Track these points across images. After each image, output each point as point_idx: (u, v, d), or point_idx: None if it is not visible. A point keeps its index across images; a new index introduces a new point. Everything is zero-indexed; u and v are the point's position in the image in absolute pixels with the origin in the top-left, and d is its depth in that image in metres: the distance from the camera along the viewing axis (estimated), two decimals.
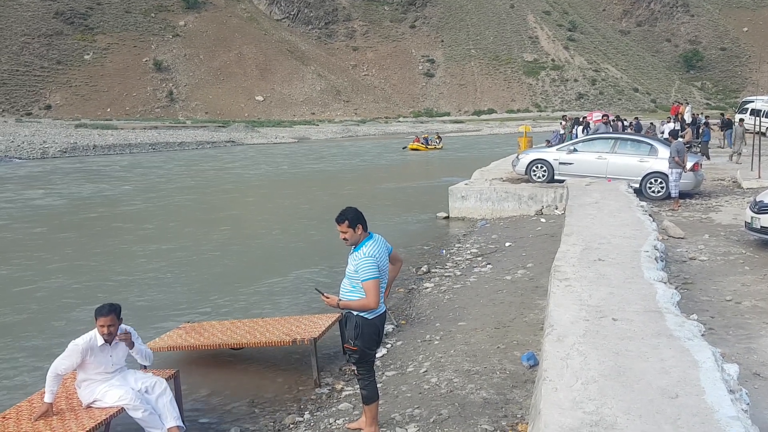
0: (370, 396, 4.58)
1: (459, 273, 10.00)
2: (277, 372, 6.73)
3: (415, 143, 45.11)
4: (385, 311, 4.67)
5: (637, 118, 33.72)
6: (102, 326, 4.85)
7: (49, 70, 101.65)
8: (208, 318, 8.34)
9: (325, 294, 4.57)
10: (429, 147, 44.98)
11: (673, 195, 13.53)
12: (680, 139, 14.82)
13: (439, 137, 47.78)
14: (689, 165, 13.98)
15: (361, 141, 63.35)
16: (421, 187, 23.58)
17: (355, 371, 4.68)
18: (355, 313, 4.48)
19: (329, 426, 5.09)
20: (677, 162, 13.35)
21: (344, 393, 5.89)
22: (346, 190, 22.89)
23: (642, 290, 5.54)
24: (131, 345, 5.04)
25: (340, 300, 4.50)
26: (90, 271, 11.38)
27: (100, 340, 4.90)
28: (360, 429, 4.74)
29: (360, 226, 4.48)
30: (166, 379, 5.22)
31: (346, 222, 4.46)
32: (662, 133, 26.19)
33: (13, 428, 4.63)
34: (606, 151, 15.05)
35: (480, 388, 5.29)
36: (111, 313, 4.88)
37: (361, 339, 4.46)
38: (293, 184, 26.33)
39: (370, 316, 4.47)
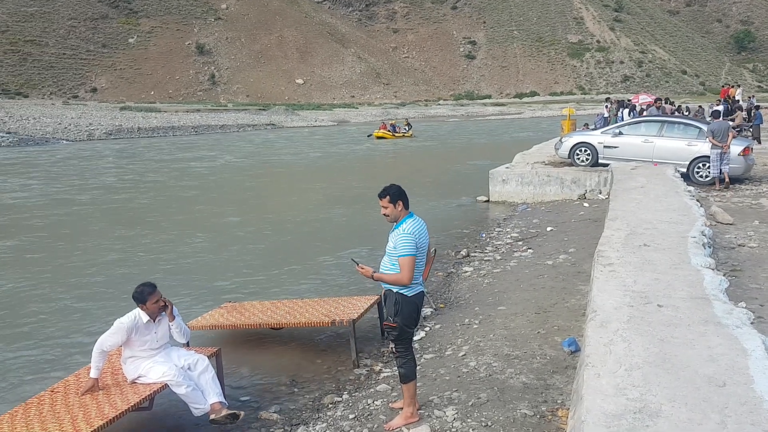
0: (407, 375, 4.57)
1: (499, 257, 9.92)
2: (316, 352, 6.79)
3: (381, 130, 42.13)
4: (424, 292, 4.65)
5: (679, 106, 32.26)
6: (156, 302, 5.01)
7: (95, 54, 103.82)
8: (248, 298, 8.45)
9: (360, 264, 4.57)
10: (396, 135, 42.14)
11: (712, 173, 13.52)
12: (729, 122, 14.46)
13: (408, 124, 44.79)
14: (739, 149, 13.62)
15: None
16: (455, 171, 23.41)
17: (393, 349, 4.67)
18: (395, 290, 4.48)
19: (367, 406, 5.11)
20: (713, 142, 13.37)
21: (382, 374, 5.90)
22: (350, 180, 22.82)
23: (689, 276, 5.40)
24: (172, 317, 5.16)
25: (374, 272, 4.51)
26: (132, 253, 11.63)
27: (145, 318, 5.01)
28: (401, 408, 4.76)
29: (401, 203, 4.50)
30: (208, 356, 5.31)
31: (388, 197, 4.48)
32: (711, 116, 25.43)
33: (61, 402, 4.77)
34: (653, 134, 14.69)
35: (519, 373, 5.24)
36: (156, 288, 5.05)
37: (400, 316, 4.47)
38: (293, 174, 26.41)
39: (409, 294, 4.47)
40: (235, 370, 6.26)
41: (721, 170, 13.47)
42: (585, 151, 15.38)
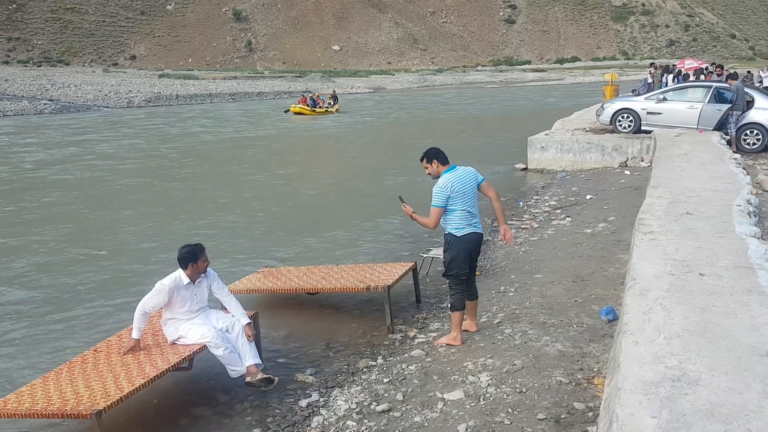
0: (454, 305, 5.32)
1: (536, 225, 9.82)
2: (351, 317, 6.84)
3: (300, 105, 35.47)
4: (478, 235, 5.28)
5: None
6: (204, 261, 5.14)
7: (134, 21, 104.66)
8: (285, 263, 8.55)
9: (405, 203, 5.36)
10: (317, 110, 35.37)
11: (729, 133, 13.33)
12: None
13: (333, 97, 37.91)
14: None
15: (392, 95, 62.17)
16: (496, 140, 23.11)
17: (447, 281, 5.46)
18: (447, 230, 5.23)
19: (402, 371, 5.15)
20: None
21: (417, 340, 5.92)
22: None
23: (733, 245, 5.26)
24: (251, 335, 5.25)
25: (413, 212, 5.26)
26: (171, 218, 11.81)
27: (185, 280, 5.10)
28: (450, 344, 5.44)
29: (435, 161, 5.26)
30: None
31: (425, 159, 5.32)
32: (760, 82, 24.59)
33: (104, 361, 4.92)
34: (698, 100, 14.24)
35: (555, 341, 5.21)
36: (204, 249, 5.20)
37: (449, 252, 5.24)
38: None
39: (459, 233, 5.18)
40: (271, 333, 6.35)
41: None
42: (627, 117, 15.02)
